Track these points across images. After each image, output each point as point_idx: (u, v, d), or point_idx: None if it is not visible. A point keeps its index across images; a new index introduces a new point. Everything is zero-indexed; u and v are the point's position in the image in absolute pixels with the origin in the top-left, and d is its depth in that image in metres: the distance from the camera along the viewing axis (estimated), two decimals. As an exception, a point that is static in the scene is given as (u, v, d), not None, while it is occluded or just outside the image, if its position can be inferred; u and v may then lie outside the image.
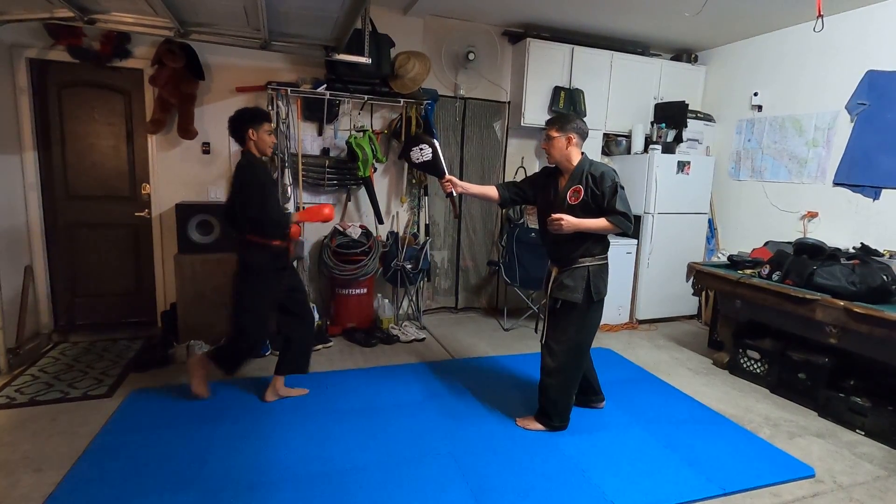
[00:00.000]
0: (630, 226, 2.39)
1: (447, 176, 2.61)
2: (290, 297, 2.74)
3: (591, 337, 2.58)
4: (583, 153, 2.50)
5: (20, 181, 3.46)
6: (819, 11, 2.42)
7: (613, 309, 4.42)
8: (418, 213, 4.35)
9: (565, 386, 2.55)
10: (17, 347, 3.25)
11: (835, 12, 3.69)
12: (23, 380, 2.95)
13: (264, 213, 2.51)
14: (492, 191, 2.70)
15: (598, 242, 2.48)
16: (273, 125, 2.67)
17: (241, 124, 2.57)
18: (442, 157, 2.61)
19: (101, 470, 2.15)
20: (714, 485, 2.21)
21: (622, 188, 2.39)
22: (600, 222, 2.38)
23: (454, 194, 2.62)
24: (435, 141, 2.63)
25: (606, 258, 2.53)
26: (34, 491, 2.00)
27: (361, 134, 3.84)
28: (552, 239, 2.51)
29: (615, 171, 2.45)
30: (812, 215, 3.94)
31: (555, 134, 2.46)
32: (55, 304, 3.72)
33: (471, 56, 4.19)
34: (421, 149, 2.62)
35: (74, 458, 2.23)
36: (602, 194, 2.37)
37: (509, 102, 4.54)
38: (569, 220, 2.37)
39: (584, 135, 2.50)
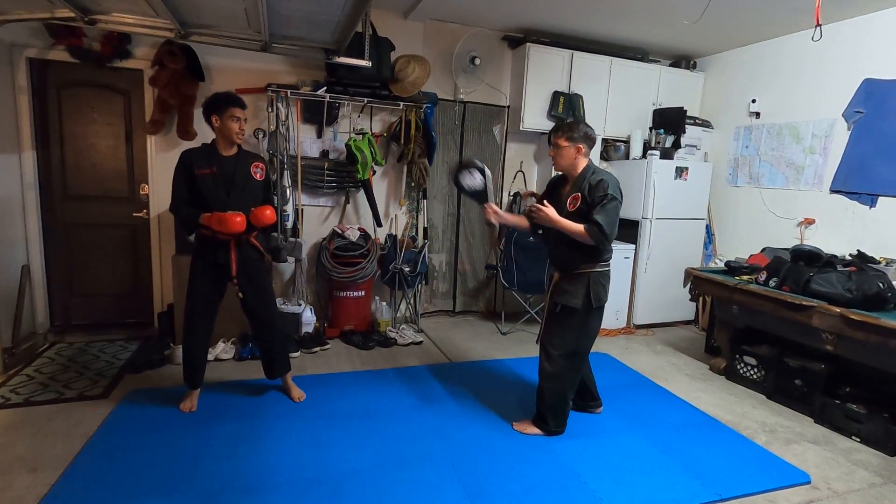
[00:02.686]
0: (603, 241, 2.31)
1: (490, 204, 2.57)
2: (250, 300, 2.65)
3: (590, 343, 2.57)
4: (588, 160, 2.50)
5: (18, 181, 3.45)
6: (817, 21, 2.43)
7: (611, 314, 4.43)
8: (417, 216, 4.36)
9: (562, 390, 2.55)
10: (13, 347, 3.23)
11: (832, 21, 3.72)
12: (18, 380, 2.94)
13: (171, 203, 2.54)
14: (523, 221, 2.68)
15: (596, 250, 2.44)
16: (245, 109, 2.56)
17: (206, 112, 2.51)
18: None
19: (96, 471, 2.14)
20: (710, 490, 2.21)
21: (614, 200, 2.32)
22: (575, 227, 2.34)
23: (493, 223, 2.60)
24: (486, 169, 2.59)
25: (608, 266, 2.51)
26: (29, 492, 1.99)
27: (361, 137, 3.85)
28: (555, 244, 2.51)
29: (617, 182, 2.40)
30: (809, 222, 3.96)
31: (564, 143, 2.44)
32: (52, 304, 3.70)
33: (477, 61, 4.21)
34: (471, 173, 2.58)
35: (69, 459, 2.22)
36: (592, 202, 2.35)
37: (508, 107, 4.56)
38: (547, 213, 2.37)
39: (592, 142, 2.48)
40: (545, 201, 2.49)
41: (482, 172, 2.57)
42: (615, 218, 2.34)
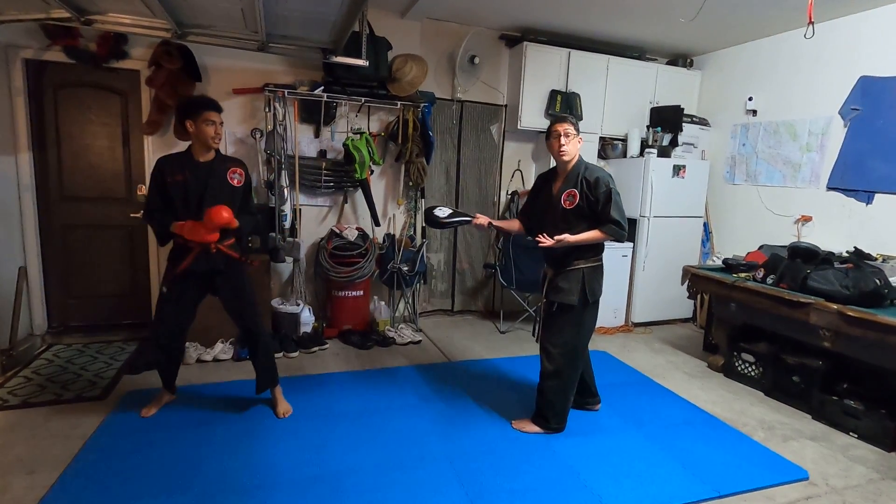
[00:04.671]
0: (623, 234, 2.39)
1: (476, 216, 2.65)
2: (228, 306, 2.59)
3: (588, 338, 2.59)
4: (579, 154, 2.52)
5: (15, 182, 3.44)
6: (810, 18, 2.44)
7: (609, 312, 4.43)
8: (415, 216, 4.35)
9: (563, 388, 2.56)
10: (10, 349, 3.22)
11: (827, 18, 3.72)
12: (16, 381, 2.94)
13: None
14: (515, 224, 2.77)
15: (592, 245, 2.48)
16: (221, 113, 2.46)
17: (179, 118, 2.40)
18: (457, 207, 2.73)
19: (95, 473, 2.14)
20: (708, 487, 2.22)
21: (617, 194, 2.39)
22: (594, 234, 2.39)
23: (484, 225, 2.63)
24: (443, 206, 2.80)
25: (601, 259, 2.54)
26: (27, 494, 1.99)
27: (358, 136, 3.84)
28: None
29: (610, 175, 2.45)
30: (806, 219, 3.97)
31: (573, 132, 2.46)
32: (49, 305, 3.69)
33: (476, 60, 4.21)
34: (440, 209, 2.71)
35: (67, 460, 2.21)
36: (596, 200, 2.38)
37: (506, 106, 4.56)
38: (563, 239, 2.38)
39: None
40: (539, 196, 2.51)
41: (443, 206, 2.77)
42: (623, 210, 2.40)
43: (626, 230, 2.40)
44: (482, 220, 2.62)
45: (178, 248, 2.50)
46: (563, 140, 2.44)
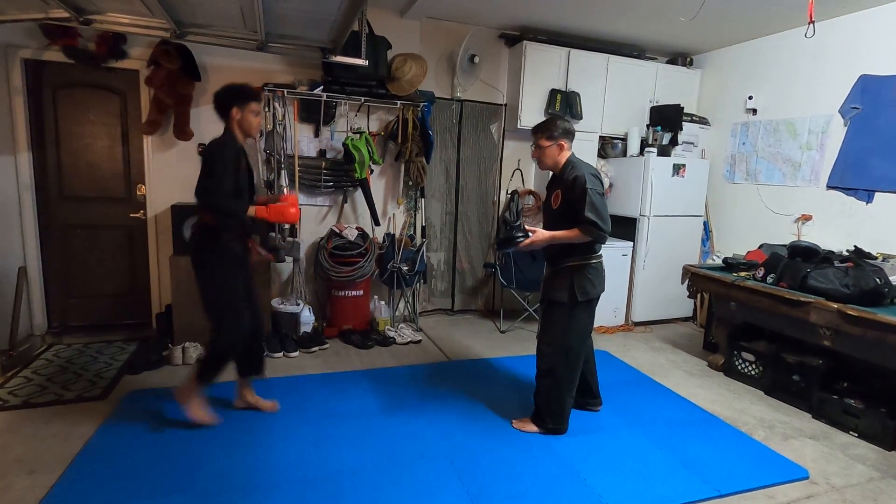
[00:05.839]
0: (602, 234, 2.33)
1: (531, 232, 2.53)
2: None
3: (581, 339, 2.54)
4: (570, 154, 2.49)
5: (14, 182, 3.44)
6: (811, 17, 2.44)
7: (609, 311, 4.43)
8: (415, 215, 4.35)
9: (556, 388, 2.53)
10: (11, 349, 3.22)
11: (828, 17, 3.72)
12: (16, 382, 2.93)
13: (209, 197, 2.26)
14: None
15: (581, 244, 2.42)
16: (262, 105, 2.49)
17: (225, 101, 2.35)
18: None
19: (95, 473, 2.14)
20: (709, 486, 2.22)
21: (596, 193, 2.32)
22: (570, 232, 2.37)
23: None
24: (520, 224, 2.62)
25: (595, 258, 2.48)
26: (27, 494, 1.99)
27: (358, 136, 3.84)
28: None
29: (595, 174, 2.40)
30: (806, 218, 3.97)
31: (546, 143, 2.45)
32: (49, 305, 3.69)
33: (476, 59, 4.21)
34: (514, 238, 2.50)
35: (68, 461, 2.21)
36: (574, 200, 2.35)
37: (506, 105, 4.55)
38: (539, 237, 2.40)
39: (572, 136, 2.50)
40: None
41: (523, 232, 2.51)
42: (604, 209, 2.34)
43: (606, 229, 2.33)
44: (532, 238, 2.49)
45: (232, 238, 2.40)
46: (535, 153, 2.54)
